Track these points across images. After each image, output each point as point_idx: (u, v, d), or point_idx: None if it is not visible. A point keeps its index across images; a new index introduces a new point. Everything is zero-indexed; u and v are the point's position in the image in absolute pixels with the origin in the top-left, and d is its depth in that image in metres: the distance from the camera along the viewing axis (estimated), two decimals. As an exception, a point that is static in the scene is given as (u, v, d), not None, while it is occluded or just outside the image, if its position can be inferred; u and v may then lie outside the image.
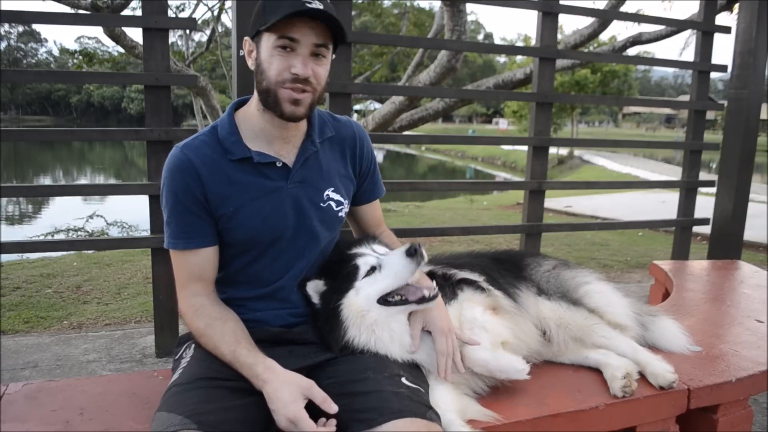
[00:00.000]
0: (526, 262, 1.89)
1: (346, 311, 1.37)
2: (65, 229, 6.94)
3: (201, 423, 1.16)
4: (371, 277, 1.38)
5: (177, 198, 1.38)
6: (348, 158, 1.58)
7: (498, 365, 1.44)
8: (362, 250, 1.46)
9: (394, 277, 1.36)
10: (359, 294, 1.38)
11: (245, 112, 1.47)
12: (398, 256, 1.36)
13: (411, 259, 1.33)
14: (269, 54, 1.34)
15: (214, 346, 1.34)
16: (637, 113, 66.50)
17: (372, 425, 1.19)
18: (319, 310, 1.42)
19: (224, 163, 1.40)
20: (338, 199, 1.53)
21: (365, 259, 1.41)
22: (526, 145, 3.77)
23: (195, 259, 1.42)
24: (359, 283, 1.38)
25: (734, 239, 4.04)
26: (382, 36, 9.02)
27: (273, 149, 1.44)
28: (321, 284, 1.43)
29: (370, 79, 12.03)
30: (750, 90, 3.86)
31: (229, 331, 1.35)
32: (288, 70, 1.33)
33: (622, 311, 1.82)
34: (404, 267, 1.35)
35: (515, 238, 5.88)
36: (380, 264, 1.39)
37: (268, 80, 1.35)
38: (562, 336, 1.69)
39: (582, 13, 4.08)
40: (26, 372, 2.86)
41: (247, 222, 1.41)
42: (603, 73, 26.28)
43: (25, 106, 71.56)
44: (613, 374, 1.59)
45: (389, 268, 1.37)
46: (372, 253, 1.44)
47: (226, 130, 1.43)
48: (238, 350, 1.31)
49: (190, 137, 1.45)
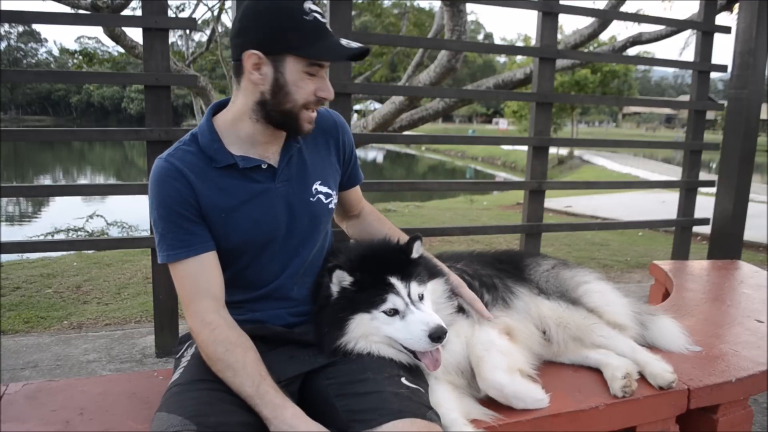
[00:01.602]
0: (526, 262, 1.89)
1: (353, 326, 1.36)
2: (65, 229, 6.94)
3: (200, 424, 1.16)
4: (391, 317, 1.35)
5: (169, 207, 1.34)
6: (332, 149, 1.58)
7: (514, 391, 1.43)
8: (398, 286, 1.36)
9: (409, 342, 1.34)
10: (373, 321, 1.36)
11: (226, 117, 1.43)
12: (422, 328, 1.31)
13: (431, 343, 1.31)
14: (298, 77, 1.32)
15: (233, 375, 1.26)
16: (637, 113, 66.51)
17: (372, 426, 1.19)
18: (329, 305, 1.39)
19: (210, 170, 1.38)
20: (326, 191, 1.52)
21: (394, 298, 1.35)
22: (526, 145, 3.77)
23: (199, 268, 1.36)
24: (378, 313, 1.35)
25: (734, 239, 4.04)
26: (382, 36, 9.01)
27: (257, 152, 1.42)
28: (348, 280, 1.38)
29: (370, 79, 12.04)
30: (750, 90, 3.86)
31: (251, 362, 1.27)
32: (314, 93, 1.35)
33: (621, 311, 1.82)
34: (419, 342, 1.32)
35: (515, 238, 5.89)
36: (404, 315, 1.34)
37: (294, 103, 1.34)
38: (562, 335, 1.69)
39: (582, 13, 4.08)
40: (26, 372, 2.86)
41: (239, 226, 1.39)
42: (603, 73, 26.27)
43: (25, 106, 71.59)
44: (613, 374, 1.59)
45: (407, 330, 1.33)
46: (405, 297, 1.36)
47: (207, 137, 1.40)
48: (263, 387, 1.24)
49: (170, 148, 1.42)
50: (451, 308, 1.49)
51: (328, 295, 1.40)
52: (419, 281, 1.40)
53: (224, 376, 1.27)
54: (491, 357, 1.45)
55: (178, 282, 1.38)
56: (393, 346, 1.38)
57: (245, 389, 1.24)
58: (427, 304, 1.39)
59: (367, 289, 1.36)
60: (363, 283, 1.37)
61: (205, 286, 1.35)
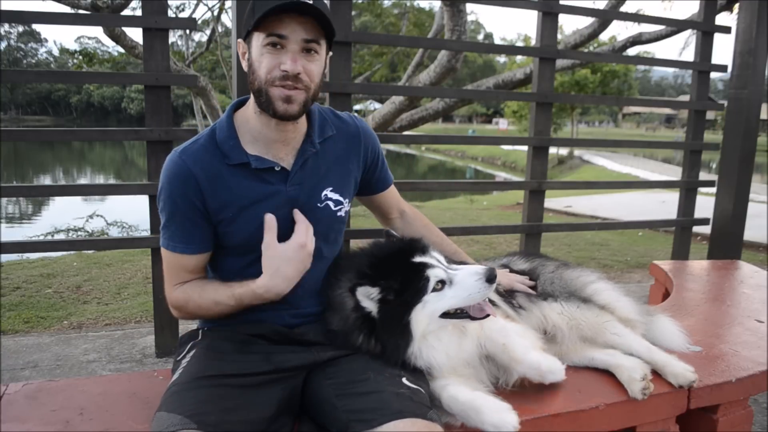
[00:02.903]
0: (530, 266, 1.89)
1: (414, 326, 1.34)
2: (65, 229, 6.94)
3: (201, 423, 1.16)
4: (440, 292, 1.34)
5: (176, 204, 1.38)
6: (352, 156, 1.56)
7: (549, 366, 1.46)
8: (429, 260, 1.37)
9: (467, 299, 1.34)
10: (425, 308, 1.34)
11: (244, 114, 1.45)
12: (475, 278, 1.32)
13: (489, 285, 1.31)
14: (259, 53, 1.32)
15: (214, 302, 1.39)
16: (637, 113, 66.51)
17: (372, 425, 1.18)
18: (377, 320, 1.35)
19: (222, 167, 1.39)
20: (337, 198, 1.50)
21: (434, 271, 1.34)
22: (526, 145, 3.76)
23: (191, 262, 1.43)
24: (428, 297, 1.33)
25: (734, 239, 4.04)
26: (382, 36, 9.02)
27: (271, 153, 1.42)
28: (375, 292, 1.34)
29: (370, 79, 12.04)
30: (750, 90, 3.86)
31: (219, 285, 1.42)
32: (278, 67, 1.31)
33: (630, 307, 1.82)
34: (479, 291, 1.32)
35: (515, 238, 5.89)
36: (451, 279, 1.34)
37: (259, 79, 1.33)
38: (573, 336, 1.69)
39: (582, 13, 4.07)
40: (26, 372, 2.86)
41: (245, 226, 1.40)
42: (603, 73, 26.29)
43: (25, 106, 71.57)
44: (630, 376, 1.57)
45: (462, 288, 1.33)
46: (440, 265, 1.36)
47: (225, 133, 1.41)
48: (235, 291, 1.37)
49: (189, 141, 1.43)
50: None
51: (365, 315, 1.35)
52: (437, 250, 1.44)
53: (212, 309, 1.41)
54: (516, 341, 1.47)
55: (167, 265, 1.46)
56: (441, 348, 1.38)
57: (227, 302, 1.38)
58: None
59: (404, 284, 1.34)
60: (393, 283, 1.34)
61: (189, 277, 1.45)
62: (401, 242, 1.47)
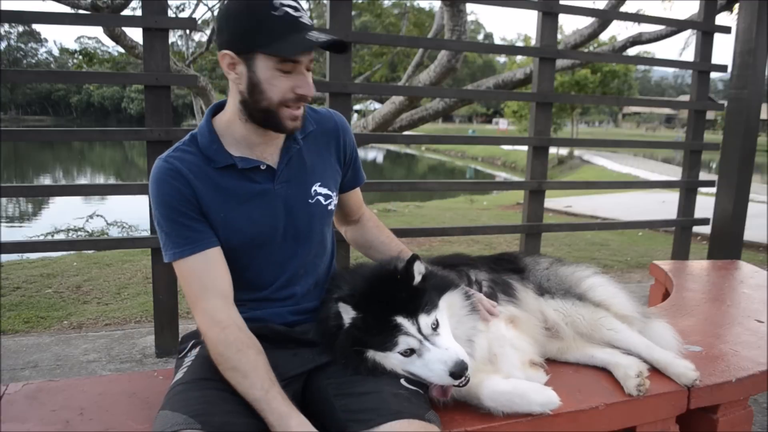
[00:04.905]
0: (525, 263, 1.89)
1: (369, 359, 1.34)
2: (65, 229, 6.93)
3: (205, 423, 1.15)
4: (407, 357, 1.31)
5: (171, 206, 1.34)
6: (333, 150, 1.57)
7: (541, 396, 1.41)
8: (406, 325, 1.30)
9: (431, 378, 1.30)
10: (387, 359, 1.33)
11: (223, 118, 1.43)
12: (442, 367, 1.26)
13: (451, 380, 1.26)
14: (270, 75, 1.30)
15: (243, 377, 1.24)
16: (637, 113, 66.54)
17: (370, 426, 1.18)
18: (342, 334, 1.35)
19: (209, 170, 1.38)
20: (326, 192, 1.51)
21: (406, 339, 1.29)
22: (526, 145, 3.77)
23: (205, 264, 1.34)
24: (392, 354, 1.32)
25: (734, 239, 4.04)
26: (382, 36, 9.03)
27: (255, 153, 1.42)
28: (353, 314, 1.33)
29: (370, 79, 12.04)
30: (750, 90, 3.86)
31: (262, 366, 1.26)
32: (292, 90, 1.32)
33: (626, 303, 1.82)
34: (440, 379, 1.28)
35: (515, 238, 5.89)
36: (421, 353, 1.30)
37: (269, 101, 1.32)
38: (570, 332, 1.69)
39: (582, 13, 4.08)
40: (26, 372, 2.86)
41: (237, 227, 1.39)
42: (603, 73, 26.25)
43: (25, 106, 71.63)
44: (626, 373, 1.57)
45: (429, 369, 1.28)
46: (416, 335, 1.30)
47: (206, 138, 1.40)
48: (272, 393, 1.22)
49: (169, 149, 1.42)
50: (472, 321, 1.44)
51: (340, 325, 1.36)
52: (428, 310, 1.32)
53: (232, 376, 1.25)
54: (505, 354, 1.46)
55: (184, 280, 1.35)
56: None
57: (253, 392, 1.22)
58: (444, 330, 1.33)
59: (375, 330, 1.32)
60: (369, 323, 1.32)
61: (212, 283, 1.34)
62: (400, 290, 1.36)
